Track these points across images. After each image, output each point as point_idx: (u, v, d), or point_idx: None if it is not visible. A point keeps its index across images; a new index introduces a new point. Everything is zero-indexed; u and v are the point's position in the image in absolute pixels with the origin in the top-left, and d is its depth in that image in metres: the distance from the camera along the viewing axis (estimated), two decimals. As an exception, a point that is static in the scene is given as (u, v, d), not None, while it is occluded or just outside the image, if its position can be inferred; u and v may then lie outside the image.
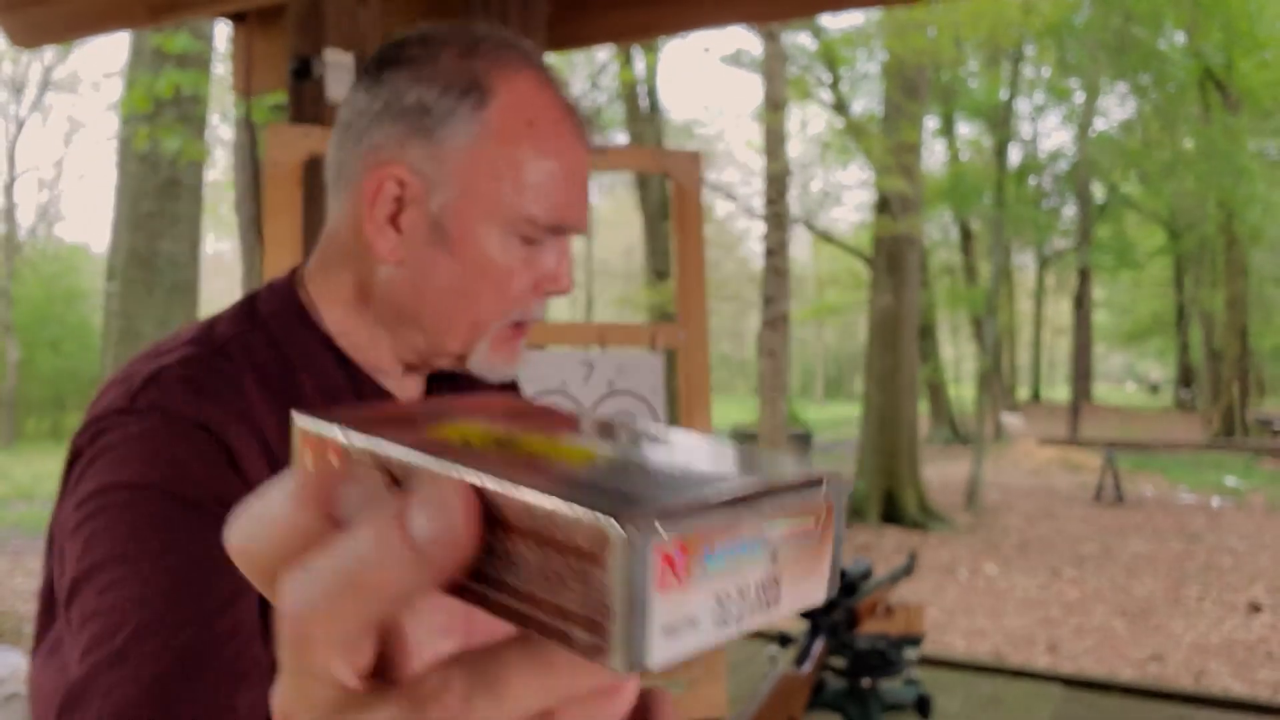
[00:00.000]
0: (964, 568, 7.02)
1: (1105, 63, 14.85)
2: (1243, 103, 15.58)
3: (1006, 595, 6.18)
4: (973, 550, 7.67)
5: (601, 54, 11.88)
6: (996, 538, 8.21)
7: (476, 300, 0.73)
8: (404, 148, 0.72)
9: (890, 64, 10.21)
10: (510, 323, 0.76)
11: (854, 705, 2.82)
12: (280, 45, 2.11)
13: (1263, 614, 5.57)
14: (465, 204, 0.72)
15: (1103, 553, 7.45)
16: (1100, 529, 8.43)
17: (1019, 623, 5.49)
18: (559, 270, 0.76)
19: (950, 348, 22.78)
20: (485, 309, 0.74)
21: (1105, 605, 5.88)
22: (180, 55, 5.43)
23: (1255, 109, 15.32)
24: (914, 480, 9.42)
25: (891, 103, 10.18)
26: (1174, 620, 5.51)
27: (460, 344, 0.75)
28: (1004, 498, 10.31)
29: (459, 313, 0.74)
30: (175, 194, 5.68)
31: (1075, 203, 17.53)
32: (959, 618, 5.60)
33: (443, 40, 0.74)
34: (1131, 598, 6.06)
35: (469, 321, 0.74)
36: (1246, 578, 6.49)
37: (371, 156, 0.73)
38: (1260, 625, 5.35)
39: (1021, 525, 8.78)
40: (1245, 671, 4.54)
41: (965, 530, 8.61)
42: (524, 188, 0.72)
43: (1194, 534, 8.12)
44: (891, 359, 9.65)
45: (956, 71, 13.30)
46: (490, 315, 0.74)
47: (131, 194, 5.65)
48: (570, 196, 0.74)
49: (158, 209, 5.62)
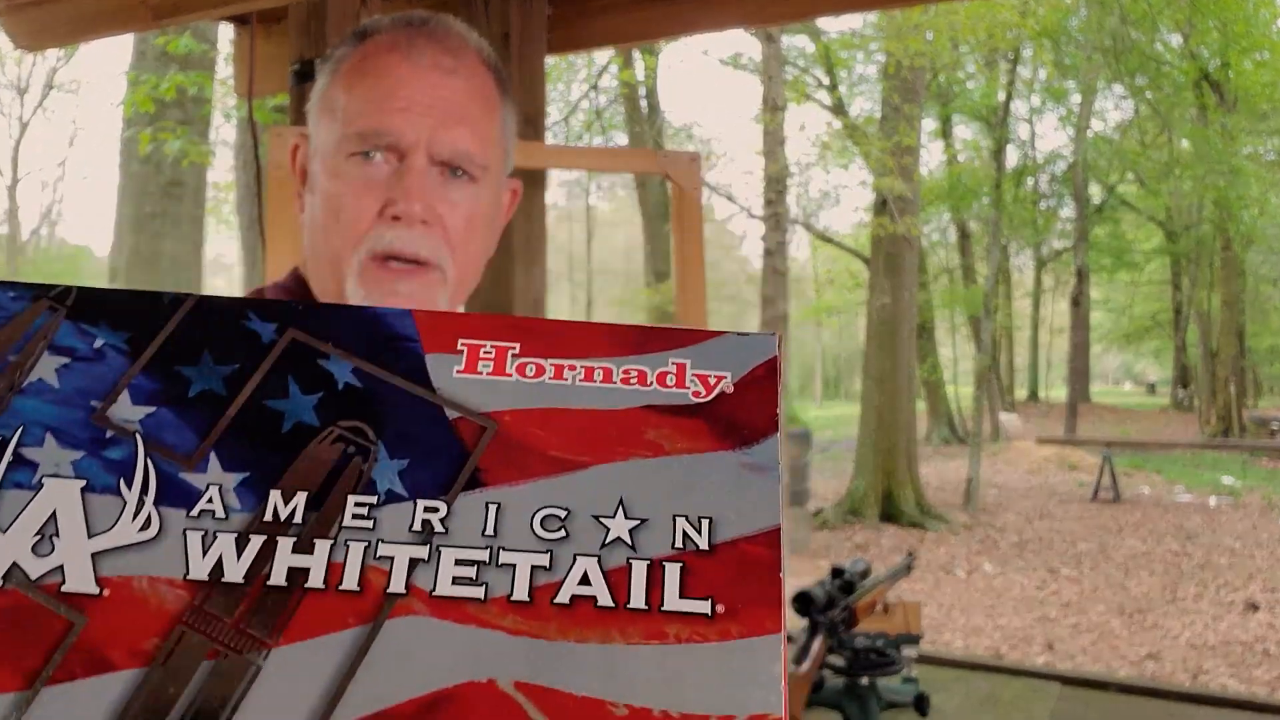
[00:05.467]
0: (962, 566, 7.04)
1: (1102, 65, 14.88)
2: (1238, 104, 15.61)
3: (1004, 594, 6.20)
4: (970, 549, 7.69)
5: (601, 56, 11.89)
6: (994, 537, 8.23)
7: (328, 234, 0.76)
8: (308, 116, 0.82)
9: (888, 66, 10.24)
10: (370, 255, 0.74)
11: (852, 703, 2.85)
12: (282, 47, 2.13)
13: (1259, 612, 5.59)
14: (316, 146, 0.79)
15: (1100, 551, 7.47)
16: (1098, 528, 8.45)
17: (1016, 621, 5.51)
18: (402, 187, 0.74)
19: (948, 348, 22.80)
20: (335, 240, 0.75)
21: (1102, 604, 5.90)
22: (183, 57, 5.45)
23: (1251, 110, 15.36)
24: (912, 479, 9.44)
25: (889, 104, 10.20)
26: (1171, 619, 5.53)
27: (335, 283, 0.76)
28: (1002, 497, 10.33)
29: (321, 249, 0.77)
30: (178, 195, 5.69)
31: (1072, 203, 17.56)
32: (956, 616, 5.62)
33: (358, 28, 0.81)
34: (1129, 596, 6.08)
35: (329, 257, 0.76)
36: (1243, 576, 6.51)
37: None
38: (1257, 624, 5.37)
39: (1019, 524, 8.80)
40: (1242, 670, 4.56)
41: (963, 529, 8.63)
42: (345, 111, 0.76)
43: (1191, 533, 8.14)
44: (889, 359, 9.67)
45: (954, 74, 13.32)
46: (341, 246, 0.75)
47: (134, 195, 5.67)
48: (390, 105, 0.75)
49: (160, 210, 5.63)
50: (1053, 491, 10.70)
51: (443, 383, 0.24)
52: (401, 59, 0.76)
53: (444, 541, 0.22)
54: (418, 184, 0.75)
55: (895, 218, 9.52)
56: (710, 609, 0.21)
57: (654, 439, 0.23)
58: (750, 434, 0.24)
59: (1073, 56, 14.70)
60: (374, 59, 0.77)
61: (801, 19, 4.02)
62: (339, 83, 0.78)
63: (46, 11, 2.33)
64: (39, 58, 18.79)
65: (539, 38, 2.09)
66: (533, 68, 2.05)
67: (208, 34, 5.78)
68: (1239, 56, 14.73)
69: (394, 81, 0.75)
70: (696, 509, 0.22)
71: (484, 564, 0.21)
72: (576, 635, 0.21)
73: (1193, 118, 16.13)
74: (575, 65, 12.38)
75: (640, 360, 0.24)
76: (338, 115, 0.77)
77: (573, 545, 0.22)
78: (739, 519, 0.22)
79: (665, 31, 2.40)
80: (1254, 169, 14.95)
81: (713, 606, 0.21)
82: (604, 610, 0.21)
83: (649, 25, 2.28)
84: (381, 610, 0.21)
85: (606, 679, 0.20)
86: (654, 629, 0.21)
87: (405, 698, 0.19)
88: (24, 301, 0.24)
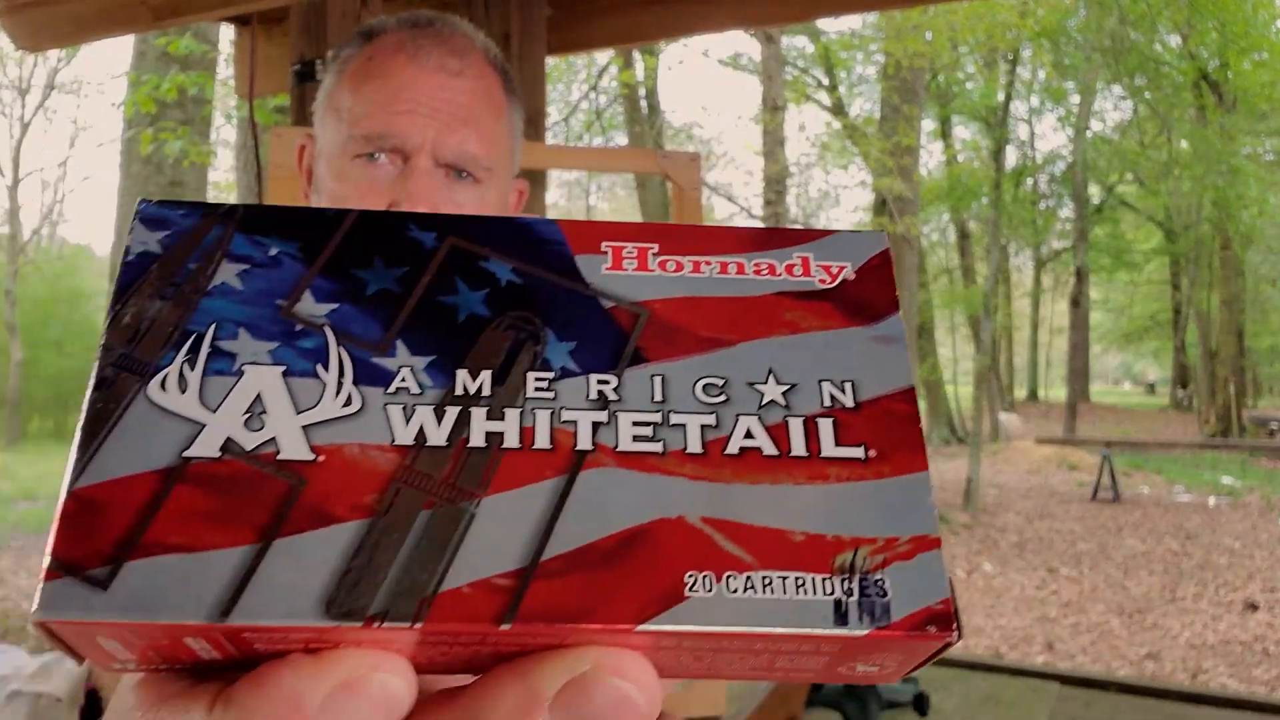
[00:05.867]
0: (961, 566, 7.04)
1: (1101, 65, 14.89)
2: (1237, 104, 15.62)
3: (1004, 593, 6.20)
4: (970, 549, 7.69)
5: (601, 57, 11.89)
6: (994, 536, 8.23)
7: None
8: (313, 117, 0.82)
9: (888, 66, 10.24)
10: None
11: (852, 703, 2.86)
12: (283, 47, 2.14)
13: (1259, 612, 5.60)
14: (321, 146, 0.80)
15: (1099, 551, 7.47)
16: (1097, 528, 8.46)
17: (1016, 621, 5.52)
18: (407, 189, 0.75)
19: (948, 348, 22.80)
20: None
21: (1102, 603, 5.90)
22: (184, 57, 5.45)
23: (1250, 110, 15.37)
24: (912, 480, 9.41)
25: (889, 105, 10.21)
26: (1170, 618, 5.54)
27: None
28: (1001, 496, 10.34)
29: None
30: (178, 195, 5.70)
31: (1072, 203, 17.57)
32: (957, 616, 5.61)
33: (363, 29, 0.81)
34: (1128, 596, 6.08)
35: None
36: (1243, 576, 6.51)
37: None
38: (1257, 623, 5.38)
39: (1019, 524, 8.81)
40: (1242, 669, 4.57)
41: (963, 529, 8.64)
42: (351, 112, 0.77)
43: (1190, 533, 8.15)
44: (889, 359, 9.65)
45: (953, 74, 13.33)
46: None
47: (135, 195, 5.67)
48: (396, 107, 0.75)
49: (159, 211, 5.64)
50: (1052, 491, 10.71)
51: (593, 278, 0.26)
52: (407, 60, 0.76)
53: (619, 408, 0.24)
54: (423, 186, 0.75)
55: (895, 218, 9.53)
56: (864, 454, 0.24)
57: (790, 319, 0.26)
58: (875, 312, 0.26)
59: (1072, 57, 14.72)
60: (380, 60, 0.77)
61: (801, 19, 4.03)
62: (345, 83, 0.78)
63: (47, 12, 2.33)
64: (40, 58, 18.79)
65: (539, 38, 2.09)
66: (533, 68, 2.06)
67: (208, 34, 5.79)
68: (1238, 57, 14.75)
69: (400, 83, 0.76)
70: (838, 375, 0.25)
71: (658, 424, 0.24)
72: (749, 479, 0.23)
73: (1192, 118, 16.15)
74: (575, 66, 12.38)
75: (768, 255, 0.27)
76: (343, 116, 0.77)
77: (734, 407, 0.24)
78: (876, 382, 0.25)
79: (665, 32, 2.41)
80: (1253, 169, 14.96)
81: (866, 452, 0.24)
82: (770, 458, 0.24)
83: (649, 26, 2.29)
84: (574, 464, 0.23)
85: (781, 513, 0.23)
86: (816, 471, 0.23)
87: (606, 534, 0.22)
88: (194, 219, 0.26)
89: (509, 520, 0.22)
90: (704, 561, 0.22)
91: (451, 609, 0.21)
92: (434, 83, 0.76)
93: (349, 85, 0.78)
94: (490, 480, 0.22)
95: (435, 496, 0.22)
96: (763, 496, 0.23)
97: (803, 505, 0.23)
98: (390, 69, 0.76)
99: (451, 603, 0.21)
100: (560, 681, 0.20)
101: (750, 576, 0.22)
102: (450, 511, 0.22)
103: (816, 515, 0.23)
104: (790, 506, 0.23)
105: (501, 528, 0.22)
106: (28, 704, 2.60)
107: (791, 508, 0.23)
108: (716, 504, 0.23)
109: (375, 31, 0.80)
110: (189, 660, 0.22)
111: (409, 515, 0.22)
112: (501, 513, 0.22)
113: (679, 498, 0.23)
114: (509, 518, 0.22)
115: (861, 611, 0.21)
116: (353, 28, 1.98)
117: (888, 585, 0.22)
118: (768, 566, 0.22)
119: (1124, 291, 25.95)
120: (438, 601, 0.21)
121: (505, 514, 0.22)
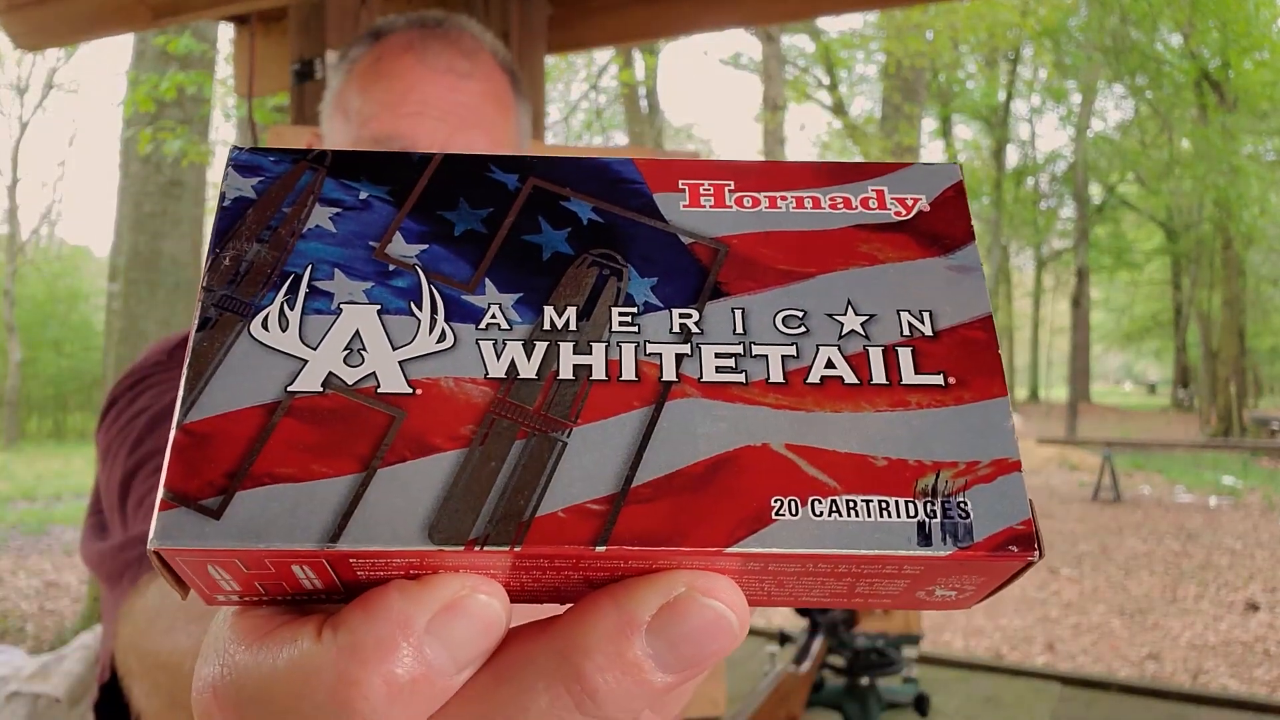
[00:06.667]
0: (962, 567, 7.04)
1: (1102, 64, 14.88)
2: (1238, 103, 15.61)
3: (1004, 594, 6.20)
4: (971, 550, 7.69)
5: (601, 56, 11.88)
6: (995, 537, 8.22)
7: None
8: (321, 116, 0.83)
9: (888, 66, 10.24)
10: None
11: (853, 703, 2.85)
12: (282, 47, 2.13)
13: (1260, 612, 5.59)
14: (329, 143, 0.80)
15: (1100, 551, 7.47)
16: (1098, 528, 8.46)
17: (1017, 622, 5.51)
18: None
19: (948, 348, 22.74)
20: None
21: (1103, 604, 5.90)
22: (183, 57, 5.45)
23: (1251, 110, 15.36)
24: (912, 480, 9.42)
25: (890, 104, 10.21)
26: (1171, 619, 5.53)
27: None
28: (1002, 498, 10.31)
29: None
30: (178, 195, 5.68)
31: (1072, 203, 17.57)
32: (956, 616, 5.62)
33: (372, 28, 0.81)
34: (1129, 596, 6.08)
35: None
36: (1244, 576, 6.51)
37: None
38: (1258, 624, 5.37)
39: (1020, 525, 8.80)
40: (1243, 670, 4.56)
41: (963, 530, 8.63)
42: (359, 113, 0.76)
43: (1191, 533, 8.14)
44: (890, 359, 9.66)
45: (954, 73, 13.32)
46: None
47: (134, 195, 5.66)
48: (404, 108, 0.75)
49: (160, 210, 5.62)
50: (1053, 491, 10.71)
51: (672, 215, 0.27)
52: (416, 61, 0.76)
53: (701, 340, 0.25)
54: None
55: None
56: (944, 380, 0.24)
57: (867, 251, 0.27)
58: (951, 242, 0.27)
59: (1073, 56, 14.71)
60: (388, 60, 0.77)
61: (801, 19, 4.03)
62: (353, 84, 0.78)
63: (46, 11, 2.33)
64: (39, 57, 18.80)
65: (539, 37, 2.08)
66: (533, 67, 2.05)
67: (207, 34, 5.78)
68: (1239, 56, 14.74)
69: (408, 84, 0.75)
70: (916, 304, 0.26)
71: (740, 356, 0.24)
72: (831, 407, 0.24)
73: (1193, 117, 16.14)
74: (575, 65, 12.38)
75: (843, 189, 0.28)
76: (351, 117, 0.77)
77: (814, 338, 0.25)
78: (954, 310, 0.26)
79: (665, 31, 2.40)
80: (1254, 168, 14.96)
81: (945, 379, 0.24)
82: (851, 386, 0.24)
83: (649, 25, 2.28)
84: (660, 394, 0.24)
85: (863, 439, 0.23)
86: (897, 398, 0.24)
87: (693, 461, 0.23)
88: (285, 164, 0.27)
89: (599, 449, 0.23)
90: (789, 486, 0.22)
91: (548, 533, 0.21)
92: (443, 84, 0.76)
93: (357, 85, 0.78)
94: (580, 411, 0.23)
95: (528, 426, 0.23)
96: (844, 424, 0.24)
97: (884, 431, 0.23)
98: (399, 70, 0.76)
99: (548, 527, 0.21)
100: (656, 605, 0.21)
101: (835, 500, 0.22)
102: (543, 441, 0.23)
103: (898, 441, 0.23)
104: (872, 433, 0.23)
105: (592, 456, 0.22)
106: (27, 704, 2.60)
107: (873, 434, 0.23)
108: (799, 431, 0.23)
109: (383, 31, 0.80)
110: (291, 590, 0.23)
111: (504, 445, 0.23)
112: (591, 442, 0.23)
113: (762, 426, 0.23)
114: (599, 446, 0.23)
115: (945, 533, 0.22)
116: (352, 27, 1.97)
117: (970, 507, 0.22)
118: (851, 491, 0.22)
119: (1125, 291, 25.96)
120: (535, 526, 0.21)
121: (595, 443, 0.23)
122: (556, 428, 0.23)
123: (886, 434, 0.23)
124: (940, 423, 0.24)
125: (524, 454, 0.22)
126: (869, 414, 0.24)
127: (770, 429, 0.23)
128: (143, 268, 5.52)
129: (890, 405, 0.24)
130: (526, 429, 0.23)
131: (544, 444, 0.23)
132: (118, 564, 0.67)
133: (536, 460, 0.22)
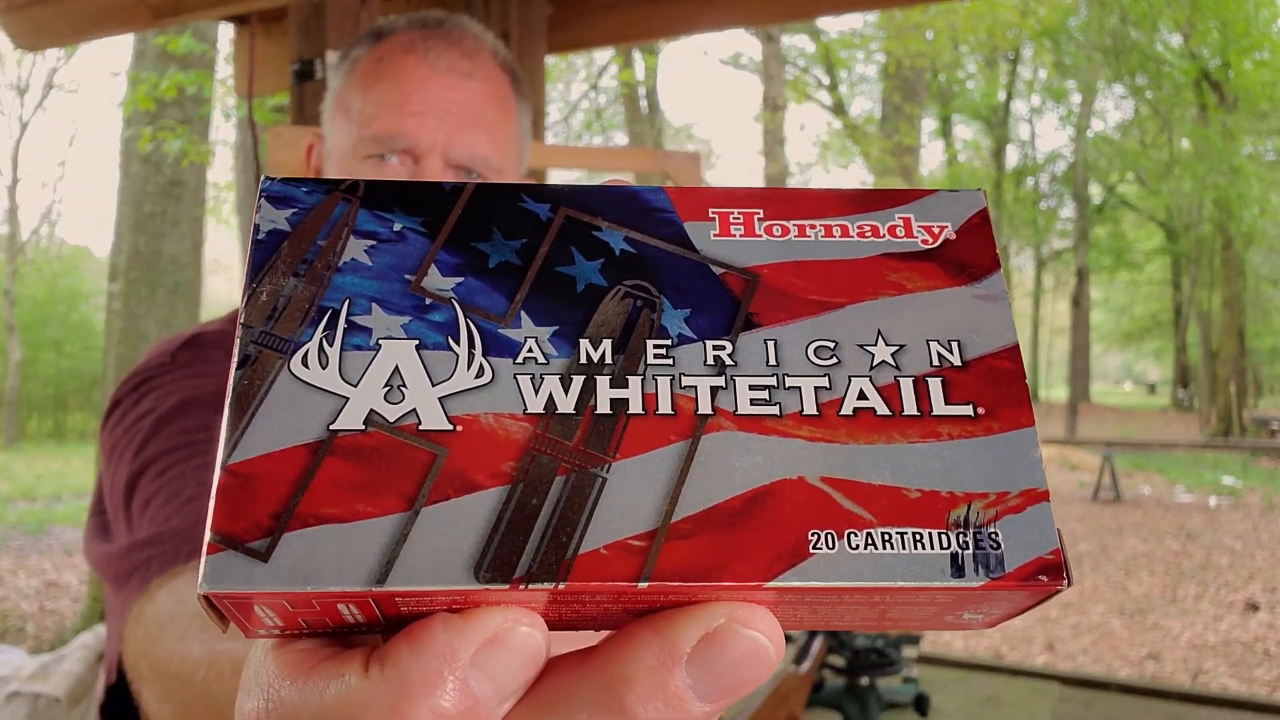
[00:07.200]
0: (962, 567, 7.03)
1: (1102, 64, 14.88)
2: (1238, 103, 15.61)
3: (1004, 594, 6.19)
4: (971, 550, 7.69)
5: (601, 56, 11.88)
6: (995, 537, 8.22)
7: None
8: (322, 116, 0.83)
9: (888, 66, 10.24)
10: None
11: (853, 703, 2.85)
12: (282, 47, 2.13)
13: (1260, 612, 5.59)
14: (331, 146, 0.80)
15: (1100, 551, 7.47)
16: (1098, 528, 8.46)
17: (1017, 622, 5.51)
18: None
19: (948, 348, 22.73)
20: None
21: (1103, 604, 5.90)
22: (183, 56, 5.45)
23: (1251, 110, 15.36)
24: (912, 480, 9.42)
25: (890, 104, 10.21)
26: (1171, 619, 5.53)
27: None
28: (1002, 497, 10.32)
29: None
30: (177, 195, 5.68)
31: (1072, 203, 17.57)
32: (957, 617, 5.62)
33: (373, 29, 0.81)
34: (1129, 596, 6.08)
35: None
36: (1244, 576, 6.51)
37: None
38: (1257, 624, 5.37)
39: (1019, 525, 8.79)
40: (1242, 670, 4.56)
41: (963, 530, 8.63)
42: (361, 113, 0.77)
43: (1191, 533, 8.14)
44: (890, 359, 9.65)
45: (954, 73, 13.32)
46: None
47: (134, 195, 5.66)
48: (407, 108, 0.75)
49: (160, 210, 5.62)
50: (1053, 491, 10.71)
51: (703, 245, 0.27)
52: (418, 61, 0.76)
53: (735, 372, 0.25)
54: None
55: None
56: (973, 411, 0.25)
57: (895, 280, 0.27)
58: (977, 271, 0.27)
59: (1073, 56, 14.71)
60: (390, 61, 0.77)
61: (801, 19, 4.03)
62: (355, 84, 0.78)
63: (46, 11, 2.33)
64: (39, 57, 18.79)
65: (539, 37, 2.08)
66: (533, 67, 2.05)
67: (207, 34, 5.78)
68: (1239, 56, 14.74)
69: (410, 85, 0.76)
70: (945, 334, 0.26)
71: (773, 387, 0.25)
72: (864, 439, 0.24)
73: (1193, 117, 16.14)
74: (575, 65, 12.38)
75: (870, 217, 0.28)
76: (353, 117, 0.77)
77: (846, 369, 0.25)
78: (981, 340, 0.26)
79: (665, 31, 2.40)
80: (1254, 168, 14.96)
81: (974, 409, 0.25)
82: (883, 418, 0.25)
83: (649, 25, 2.28)
84: (696, 428, 0.24)
85: (896, 471, 0.24)
86: (928, 430, 0.25)
87: (731, 495, 0.23)
88: (319, 195, 0.27)
89: (638, 484, 0.23)
90: (826, 520, 0.23)
91: (591, 569, 0.22)
92: (445, 84, 0.76)
93: (359, 86, 0.78)
94: (619, 446, 0.23)
95: (568, 462, 0.23)
96: (878, 455, 0.24)
97: (916, 463, 0.24)
98: (401, 70, 0.76)
99: (590, 563, 0.22)
100: (697, 636, 0.22)
101: (870, 533, 0.23)
102: (583, 476, 0.23)
103: (930, 472, 0.24)
104: (905, 464, 0.24)
105: (632, 491, 0.23)
106: (27, 705, 2.60)
107: (906, 466, 0.24)
108: (834, 464, 0.24)
109: (385, 32, 0.80)
110: (334, 625, 0.23)
111: (545, 481, 0.23)
112: (631, 476, 0.23)
113: (798, 458, 0.24)
114: (638, 481, 0.23)
115: (977, 564, 0.22)
116: (352, 27, 1.97)
117: (1000, 538, 0.23)
118: (886, 523, 0.23)
119: (1125, 291, 25.96)
120: (578, 563, 0.22)
121: (634, 478, 0.23)
122: (596, 463, 0.23)
123: (919, 465, 0.24)
124: (970, 454, 0.24)
125: (565, 490, 0.23)
126: (901, 445, 0.24)
127: (805, 462, 0.24)
128: (143, 268, 5.52)
129: (922, 436, 0.24)
130: (567, 465, 0.23)
131: (584, 480, 0.23)
132: (124, 567, 0.67)
133: (578, 496, 0.23)
